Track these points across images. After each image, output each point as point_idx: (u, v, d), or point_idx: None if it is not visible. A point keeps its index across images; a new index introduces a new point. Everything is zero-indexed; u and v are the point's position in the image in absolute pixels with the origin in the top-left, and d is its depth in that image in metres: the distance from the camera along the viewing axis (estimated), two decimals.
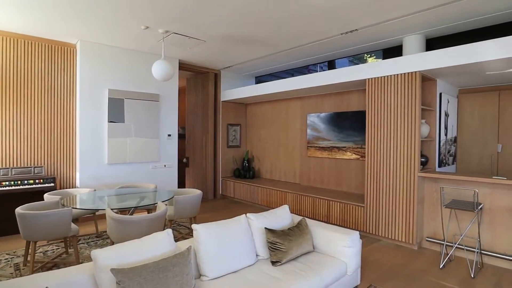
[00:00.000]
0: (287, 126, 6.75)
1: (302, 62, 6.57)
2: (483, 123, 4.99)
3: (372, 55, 6.54)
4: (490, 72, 4.12)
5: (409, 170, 4.04)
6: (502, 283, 3.10)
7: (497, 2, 3.66)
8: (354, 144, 5.41)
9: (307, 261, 2.67)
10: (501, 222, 3.48)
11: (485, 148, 4.97)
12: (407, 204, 4.05)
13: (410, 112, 4.05)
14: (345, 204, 4.75)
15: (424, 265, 3.55)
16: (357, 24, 4.41)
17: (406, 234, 4.07)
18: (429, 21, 4.26)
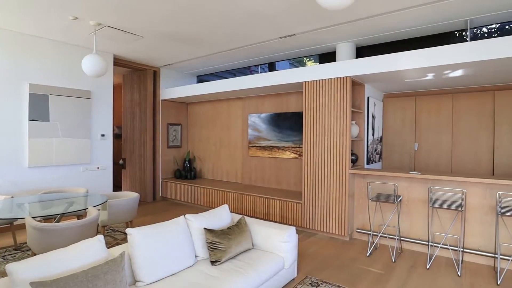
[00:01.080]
0: (229, 126, 6.78)
1: (244, 63, 6.66)
2: (403, 125, 5.61)
3: (311, 59, 6.90)
4: (408, 79, 4.65)
5: (341, 168, 4.36)
6: (416, 265, 3.52)
7: (413, 19, 4.15)
8: (293, 144, 5.66)
9: (246, 258, 2.73)
10: (416, 212, 3.96)
11: (405, 147, 5.59)
12: (340, 199, 4.37)
13: (342, 113, 4.38)
14: (284, 201, 4.95)
15: (354, 254, 3.87)
16: (294, 30, 4.62)
17: (339, 227, 4.39)
18: (358, 31, 4.65)
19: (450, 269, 3.42)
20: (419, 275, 3.30)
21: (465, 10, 3.94)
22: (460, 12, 4.00)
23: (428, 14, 4.05)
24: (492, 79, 4.57)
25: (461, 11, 3.95)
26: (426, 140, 5.39)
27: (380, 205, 4.12)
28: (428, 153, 5.36)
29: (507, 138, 4.74)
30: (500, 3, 3.73)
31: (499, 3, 3.73)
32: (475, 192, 3.57)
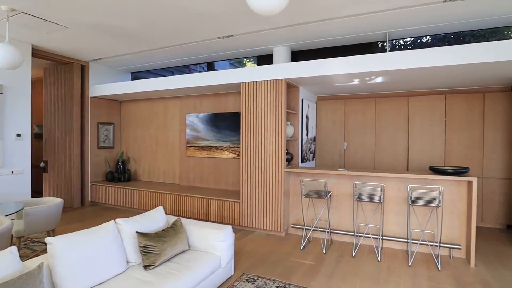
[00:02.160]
0: (166, 126, 6.57)
1: (182, 61, 6.51)
2: (334, 125, 6.05)
3: (251, 60, 7.03)
4: (338, 83, 5.02)
5: (277, 167, 4.54)
6: (344, 254, 3.84)
7: (342, 28, 4.50)
8: (231, 144, 5.71)
9: (182, 260, 2.69)
10: (344, 206, 4.30)
11: (335, 146, 6.03)
12: (276, 197, 4.54)
13: (277, 114, 4.55)
14: (222, 201, 4.96)
15: (289, 248, 4.05)
16: (233, 31, 4.67)
17: (275, 224, 4.56)
18: (293, 35, 4.88)
19: (372, 256, 3.79)
20: (346, 263, 3.60)
21: (384, 24, 4.40)
22: (380, 25, 4.46)
23: (355, 25, 4.43)
24: (406, 86, 5.18)
25: (380, 24, 4.40)
26: (353, 140, 5.89)
27: (313, 201, 4.39)
28: (355, 151, 5.87)
29: (419, 139, 5.42)
30: (412, 20, 4.26)
31: (411, 20, 4.25)
32: (392, 186, 4.02)
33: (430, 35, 5.21)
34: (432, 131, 5.34)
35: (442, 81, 4.77)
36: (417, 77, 4.43)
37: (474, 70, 3.92)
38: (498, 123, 4.97)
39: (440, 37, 5.21)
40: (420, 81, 4.77)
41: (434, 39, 5.26)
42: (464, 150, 5.16)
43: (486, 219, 5.03)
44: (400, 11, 3.97)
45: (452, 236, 3.79)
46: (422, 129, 5.40)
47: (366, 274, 3.32)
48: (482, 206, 5.03)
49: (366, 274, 3.31)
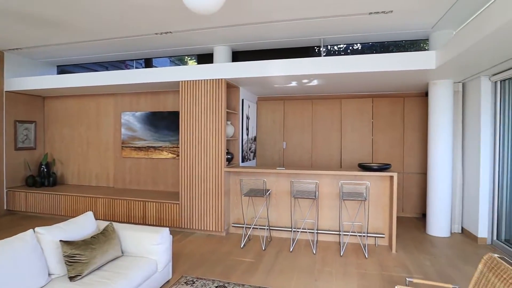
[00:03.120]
0: (98, 125, 6.11)
1: (118, 56, 6.11)
2: (274, 125, 6.23)
3: (192, 58, 6.89)
4: (276, 85, 5.18)
5: (217, 167, 4.52)
6: (282, 249, 3.98)
7: (280, 31, 4.65)
8: (171, 144, 5.53)
9: (115, 267, 2.52)
10: (283, 203, 4.46)
11: (275, 145, 6.21)
12: (216, 197, 4.52)
13: (217, 114, 4.54)
14: (161, 203, 4.78)
15: (230, 247, 4.07)
16: (171, 27, 4.53)
17: (216, 224, 4.54)
18: (234, 36, 4.90)
19: (308, 249, 3.99)
20: (284, 258, 3.73)
21: (319, 30, 4.66)
22: (316, 31, 4.71)
23: (292, 29, 4.61)
24: (339, 89, 5.56)
25: (316, 30, 4.66)
26: (292, 139, 6.14)
27: (253, 199, 4.47)
28: (294, 150, 6.12)
29: (350, 138, 5.86)
30: (344, 28, 4.58)
31: (343, 28, 4.57)
32: (326, 183, 4.28)
33: (360, 43, 5.67)
34: (362, 131, 5.81)
35: (370, 86, 5.22)
36: (348, 81, 4.78)
37: (395, 76, 4.37)
38: (416, 124, 5.61)
39: (368, 46, 5.71)
40: (351, 85, 5.16)
41: (364, 47, 5.74)
42: (388, 149, 5.72)
43: (406, 210, 5.64)
44: (333, 19, 4.24)
45: (377, 226, 4.17)
46: (353, 129, 5.85)
47: (302, 266, 3.48)
48: (403, 198, 5.63)
49: (303, 267, 3.47)
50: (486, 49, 3.12)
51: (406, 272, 3.34)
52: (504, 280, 1.90)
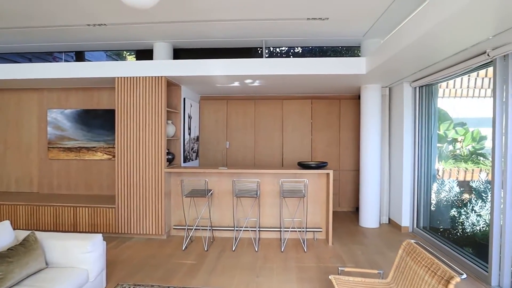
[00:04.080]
0: (18, 123, 5.45)
1: (44, 47, 5.52)
2: (217, 125, 6.19)
3: (132, 53, 6.51)
4: (219, 84, 5.16)
5: (157, 167, 4.34)
6: (225, 249, 3.98)
7: (223, 31, 4.64)
8: (106, 144, 5.17)
9: (37, 281, 2.28)
10: (225, 202, 4.46)
11: (218, 145, 6.18)
12: (156, 199, 4.34)
13: (157, 113, 4.36)
14: (94, 208, 4.44)
15: (171, 250, 3.95)
16: (105, 19, 4.24)
17: (156, 227, 4.36)
18: (175, 32, 4.76)
19: (250, 247, 4.05)
20: (227, 257, 3.73)
21: (260, 32, 4.75)
22: (257, 33, 4.80)
23: (235, 29, 4.63)
24: (281, 90, 5.74)
25: (257, 32, 4.75)
26: (235, 139, 6.17)
27: (195, 200, 4.39)
28: (237, 150, 6.16)
29: (291, 138, 6.09)
30: (285, 32, 4.73)
31: (284, 31, 4.73)
32: (267, 181, 4.39)
33: (301, 47, 5.93)
34: (302, 131, 6.08)
35: (309, 88, 5.48)
36: (289, 82, 4.96)
37: (332, 79, 4.65)
38: (350, 124, 6.03)
39: (308, 50, 5.99)
40: (292, 86, 5.36)
41: (304, 50, 6.01)
42: (326, 148, 6.07)
43: (342, 204, 6.05)
44: (274, 22, 4.37)
45: (315, 221, 4.40)
46: (294, 129, 6.09)
47: (244, 265, 3.52)
48: (339, 194, 6.02)
49: (245, 265, 3.51)
50: (404, 59, 3.49)
51: (341, 262, 3.57)
52: (418, 262, 2.14)
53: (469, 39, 2.81)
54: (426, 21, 2.57)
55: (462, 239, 4.06)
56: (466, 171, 5.44)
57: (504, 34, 2.61)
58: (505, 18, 2.31)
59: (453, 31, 2.59)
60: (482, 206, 4.01)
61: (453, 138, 6.44)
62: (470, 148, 6.37)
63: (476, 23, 2.43)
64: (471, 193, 4.60)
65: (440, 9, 2.35)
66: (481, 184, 4.46)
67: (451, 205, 4.51)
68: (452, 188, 4.55)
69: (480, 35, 2.70)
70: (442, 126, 6.31)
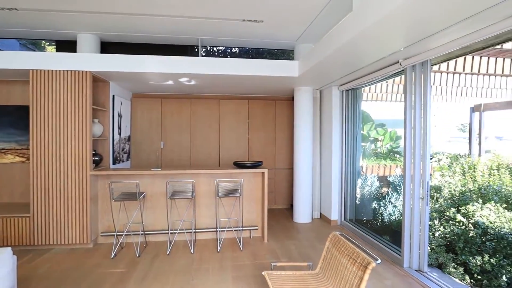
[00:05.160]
0: None
1: None
2: (151, 124, 5.91)
3: (52, 44, 5.85)
4: (152, 82, 4.93)
5: (81, 170, 3.98)
6: (159, 253, 3.81)
7: (156, 26, 4.44)
8: (18, 145, 4.56)
9: None
10: (159, 205, 4.28)
11: (152, 145, 5.91)
12: (80, 205, 3.97)
13: (81, 111, 3.99)
14: (4, 218, 3.89)
15: (98, 259, 3.65)
16: (16, 3, 3.75)
17: (81, 235, 3.99)
18: (103, 24, 4.41)
19: (186, 250, 3.95)
20: (161, 261, 3.59)
21: (196, 30, 4.66)
22: (193, 30, 4.70)
23: (168, 25, 4.47)
24: (218, 89, 5.71)
25: (193, 29, 4.65)
26: (170, 139, 5.96)
27: (125, 204, 4.13)
28: (172, 150, 5.96)
29: (228, 138, 6.10)
30: (221, 31, 4.71)
31: (220, 31, 4.70)
32: (203, 182, 4.33)
33: (238, 47, 5.97)
34: (238, 131, 6.13)
35: (245, 88, 5.55)
36: (225, 82, 4.96)
37: (267, 81, 4.77)
38: (285, 125, 6.27)
39: (245, 50, 6.06)
40: (228, 86, 5.37)
41: (241, 51, 6.06)
42: (262, 147, 6.21)
43: (278, 202, 6.25)
44: (210, 21, 4.32)
45: (251, 219, 4.47)
46: (231, 129, 6.12)
47: (179, 268, 3.42)
48: (275, 191, 6.22)
49: (179, 268, 3.41)
50: (331, 64, 3.76)
51: (275, 258, 3.69)
52: (342, 252, 2.31)
53: (385, 49, 3.14)
54: (350, 30, 2.79)
55: (381, 228, 4.52)
56: (385, 167, 6.09)
57: (412, 46, 2.98)
58: (412, 33, 2.63)
59: (372, 40, 2.86)
60: (397, 198, 4.51)
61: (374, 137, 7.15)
62: (388, 147, 7.14)
63: (390, 35, 2.72)
64: (389, 187, 5.15)
65: (361, 20, 2.58)
66: (396, 178, 5.02)
67: (372, 198, 4.99)
68: (373, 183, 5.03)
69: (393, 46, 3.04)
70: (366, 126, 6.96)
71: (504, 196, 4.06)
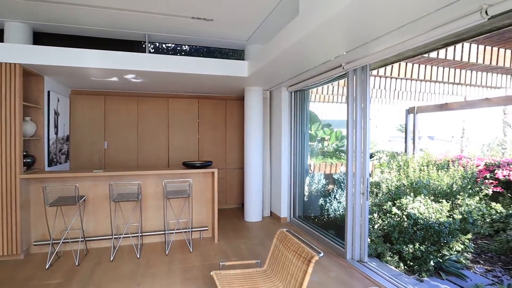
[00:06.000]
0: None
1: None
2: (93, 123, 5.53)
3: None
4: (94, 78, 4.62)
5: (9, 174, 3.58)
6: (101, 261, 3.58)
7: (97, 18, 4.15)
8: None
9: None
10: (102, 209, 4.02)
11: (95, 146, 5.53)
12: (8, 212, 3.57)
13: (9, 108, 3.60)
14: None
15: (30, 271, 3.32)
16: None
17: (9, 246, 3.59)
18: (35, 12, 4.01)
19: (132, 255, 3.77)
20: (103, 269, 3.37)
21: (142, 25, 4.46)
22: (139, 25, 4.49)
23: (111, 18, 4.21)
24: (166, 88, 5.53)
25: (139, 24, 4.44)
26: (115, 139, 5.63)
27: (63, 209, 3.80)
28: (118, 151, 5.64)
29: (178, 137, 5.94)
30: (170, 28, 4.56)
31: (169, 28, 4.55)
32: (150, 183, 4.16)
33: (188, 45, 5.83)
34: (189, 130, 6.01)
35: (196, 87, 5.45)
36: (174, 81, 4.82)
37: (217, 80, 4.74)
38: (236, 124, 6.29)
39: (196, 49, 5.94)
40: (178, 85, 5.23)
41: (192, 49, 5.93)
42: (213, 147, 6.16)
43: (229, 202, 6.25)
44: (158, 17, 4.16)
45: (201, 220, 4.41)
46: (181, 128, 5.97)
47: (124, 274, 3.25)
48: (226, 191, 6.20)
49: (125, 275, 3.24)
50: (280, 65, 3.86)
51: (225, 258, 3.69)
52: (288, 248, 2.38)
53: (329, 52, 3.30)
54: (296, 33, 2.89)
55: (328, 224, 4.75)
56: (331, 165, 6.41)
57: (354, 51, 3.17)
58: (353, 38, 2.81)
59: (317, 44, 3.00)
60: (341, 194, 4.78)
61: (321, 137, 7.49)
62: (334, 146, 7.54)
63: (333, 40, 2.87)
64: (334, 184, 5.43)
65: (307, 23, 2.68)
66: (341, 176, 5.32)
67: (319, 195, 5.22)
68: (320, 180, 5.27)
69: (337, 50, 3.21)
70: (313, 127, 7.27)
71: (432, 189, 4.52)
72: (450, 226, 3.79)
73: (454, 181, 4.63)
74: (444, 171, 4.88)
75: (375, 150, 10.15)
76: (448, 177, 4.71)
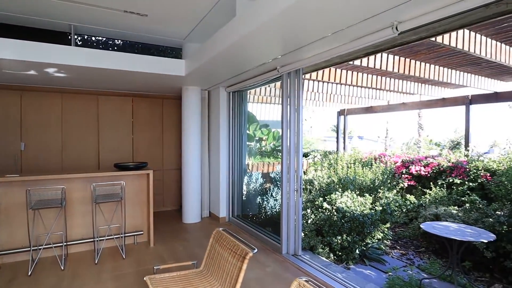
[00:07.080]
0: None
1: None
2: (6, 123, 4.88)
3: None
4: (7, 70, 4.09)
5: None
6: (17, 276, 3.19)
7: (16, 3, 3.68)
8: None
9: None
10: (17, 218, 3.58)
11: (9, 147, 4.89)
12: None
13: None
14: None
15: None
16: None
17: None
18: None
19: (54, 267, 3.43)
20: (19, 285, 3.01)
21: (68, 14, 4.09)
22: (63, 15, 4.10)
23: (33, 4, 3.78)
24: (95, 84, 5.13)
25: (64, 14, 4.06)
26: (34, 139, 5.05)
27: None
28: (38, 153, 5.06)
29: (110, 138, 5.56)
30: (98, 19, 4.25)
31: (97, 19, 4.24)
32: (77, 187, 3.83)
33: (122, 40, 5.49)
34: (122, 130, 5.67)
35: (129, 85, 5.16)
36: (104, 77, 4.51)
37: (152, 78, 4.56)
38: (173, 124, 6.11)
39: (130, 44, 5.62)
40: (108, 82, 4.89)
41: (125, 44, 5.60)
42: (149, 147, 5.91)
43: (167, 204, 6.05)
44: (84, 7, 3.85)
45: (135, 224, 4.20)
46: (113, 128, 5.60)
47: None
48: (164, 193, 6.00)
49: None
50: (217, 65, 3.87)
51: (162, 262, 3.57)
52: (224, 247, 2.41)
53: (265, 55, 3.41)
54: (233, 34, 2.93)
55: (265, 221, 4.90)
56: (269, 164, 6.61)
57: (288, 55, 3.33)
58: (286, 43, 2.95)
59: (253, 46, 3.08)
60: (278, 192, 4.97)
61: (259, 137, 7.68)
62: (272, 146, 7.78)
63: (268, 43, 2.98)
64: (271, 182, 5.62)
65: (242, 25, 2.74)
66: (278, 174, 5.52)
67: (257, 194, 5.36)
68: (258, 179, 5.41)
69: (272, 53, 3.33)
70: (251, 127, 7.41)
71: (357, 184, 4.96)
72: (372, 217, 4.21)
73: (376, 176, 5.15)
74: (368, 168, 5.40)
75: (310, 150, 10.75)
76: (371, 173, 5.22)
